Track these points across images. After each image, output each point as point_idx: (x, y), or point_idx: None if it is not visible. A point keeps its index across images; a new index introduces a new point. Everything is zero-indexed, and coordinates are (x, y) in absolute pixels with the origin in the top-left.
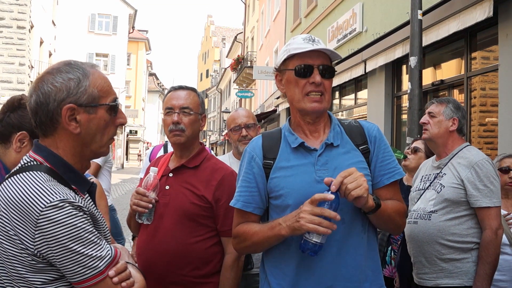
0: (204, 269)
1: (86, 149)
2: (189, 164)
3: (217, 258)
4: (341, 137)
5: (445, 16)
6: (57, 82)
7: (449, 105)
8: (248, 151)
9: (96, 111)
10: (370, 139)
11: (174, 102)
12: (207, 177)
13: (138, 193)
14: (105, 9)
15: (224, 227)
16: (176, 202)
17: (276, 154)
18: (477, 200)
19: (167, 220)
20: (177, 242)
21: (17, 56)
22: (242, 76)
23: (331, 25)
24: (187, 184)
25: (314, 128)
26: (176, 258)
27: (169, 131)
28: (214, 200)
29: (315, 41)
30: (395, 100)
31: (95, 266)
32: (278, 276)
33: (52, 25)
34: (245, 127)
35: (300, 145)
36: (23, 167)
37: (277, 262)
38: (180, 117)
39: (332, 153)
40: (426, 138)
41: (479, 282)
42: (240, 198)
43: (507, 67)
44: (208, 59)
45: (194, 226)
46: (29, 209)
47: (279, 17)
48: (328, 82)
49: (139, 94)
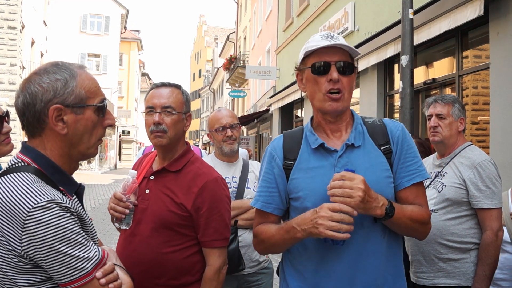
0: (181, 279)
1: (74, 150)
2: (171, 168)
3: (196, 267)
4: (362, 137)
5: (436, 15)
6: (44, 82)
7: (456, 105)
8: (269, 151)
9: (84, 111)
10: (392, 139)
11: (156, 100)
12: (188, 183)
13: (115, 198)
14: (97, 9)
15: (204, 238)
16: (154, 208)
17: (297, 155)
18: (478, 201)
19: (143, 227)
20: (152, 251)
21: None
22: (234, 75)
23: (323, 24)
24: (166, 190)
25: (335, 127)
26: (151, 268)
27: (150, 132)
28: (194, 208)
29: (333, 38)
30: (387, 99)
31: (82, 268)
32: (298, 278)
33: (43, 25)
34: (230, 128)
35: (321, 146)
36: (10, 168)
37: (296, 264)
38: (162, 117)
39: (353, 154)
40: (438, 141)
41: (478, 283)
42: (260, 198)
43: (499, 65)
44: (201, 59)
45: (171, 235)
46: (16, 210)
47: (271, 17)
48: (347, 79)
49: (132, 94)
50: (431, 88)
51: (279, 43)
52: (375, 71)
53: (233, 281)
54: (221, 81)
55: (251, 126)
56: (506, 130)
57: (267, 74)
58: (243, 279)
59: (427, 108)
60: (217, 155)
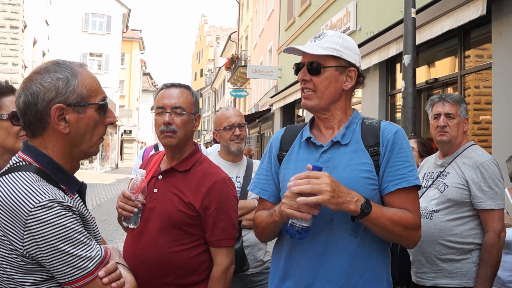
0: (188, 278)
1: (76, 149)
2: (179, 168)
3: (203, 267)
4: (352, 136)
5: (438, 14)
6: (45, 82)
7: (462, 105)
8: (270, 141)
9: (85, 110)
10: (383, 141)
11: (166, 101)
12: (197, 182)
13: (124, 196)
14: (98, 8)
15: (212, 237)
16: (163, 207)
17: (290, 147)
18: (481, 202)
19: (152, 226)
20: (160, 250)
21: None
22: (236, 75)
23: (325, 24)
24: (175, 189)
25: (328, 124)
26: (158, 267)
27: (160, 132)
28: (202, 208)
29: (318, 38)
30: (389, 98)
31: (85, 267)
32: (274, 264)
33: (45, 24)
34: (238, 126)
35: (309, 140)
36: (11, 167)
37: (276, 253)
38: (172, 117)
39: (339, 151)
40: (446, 141)
41: (480, 284)
42: (258, 185)
43: (501, 65)
44: (202, 59)
45: (179, 234)
46: (18, 209)
47: (273, 16)
48: (317, 79)
49: (133, 93)
50: (433, 87)
51: (281, 42)
52: (377, 71)
53: (237, 281)
54: (223, 81)
55: (253, 125)
56: (508, 129)
57: (269, 74)
58: (247, 279)
59: (431, 106)
60: (222, 154)
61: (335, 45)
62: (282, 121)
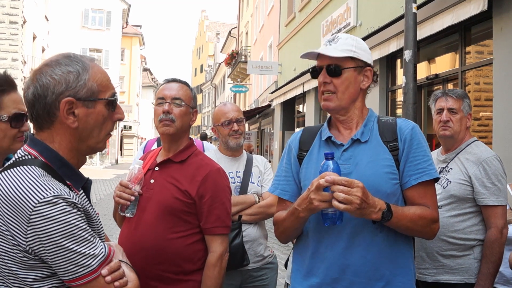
0: (184, 266)
1: (83, 144)
2: (176, 159)
3: (198, 255)
4: (371, 134)
5: (439, 10)
6: (56, 74)
7: (466, 100)
8: (288, 142)
9: (95, 105)
10: (401, 137)
11: (166, 92)
12: (192, 172)
13: (121, 185)
14: (98, 4)
15: (207, 225)
16: (159, 196)
17: (310, 147)
18: (484, 198)
19: (148, 214)
20: (156, 237)
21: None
22: (236, 71)
23: (325, 20)
24: (171, 179)
25: (346, 124)
26: (154, 254)
27: (158, 121)
28: (197, 196)
29: (332, 41)
30: (389, 94)
31: (88, 264)
32: (298, 262)
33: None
34: (236, 122)
35: (329, 139)
36: (17, 161)
37: (299, 250)
38: (171, 107)
39: (359, 149)
40: (449, 136)
41: (482, 280)
42: (279, 186)
43: (502, 61)
44: (202, 54)
45: (175, 221)
46: (22, 204)
47: (273, 12)
48: (337, 80)
49: (133, 89)
50: (433, 83)
51: (281, 38)
52: (378, 66)
53: (238, 276)
54: (223, 76)
55: (253, 121)
56: (509, 126)
57: (269, 69)
58: (247, 274)
59: (434, 101)
60: (221, 149)
61: (351, 47)
62: (282, 116)
